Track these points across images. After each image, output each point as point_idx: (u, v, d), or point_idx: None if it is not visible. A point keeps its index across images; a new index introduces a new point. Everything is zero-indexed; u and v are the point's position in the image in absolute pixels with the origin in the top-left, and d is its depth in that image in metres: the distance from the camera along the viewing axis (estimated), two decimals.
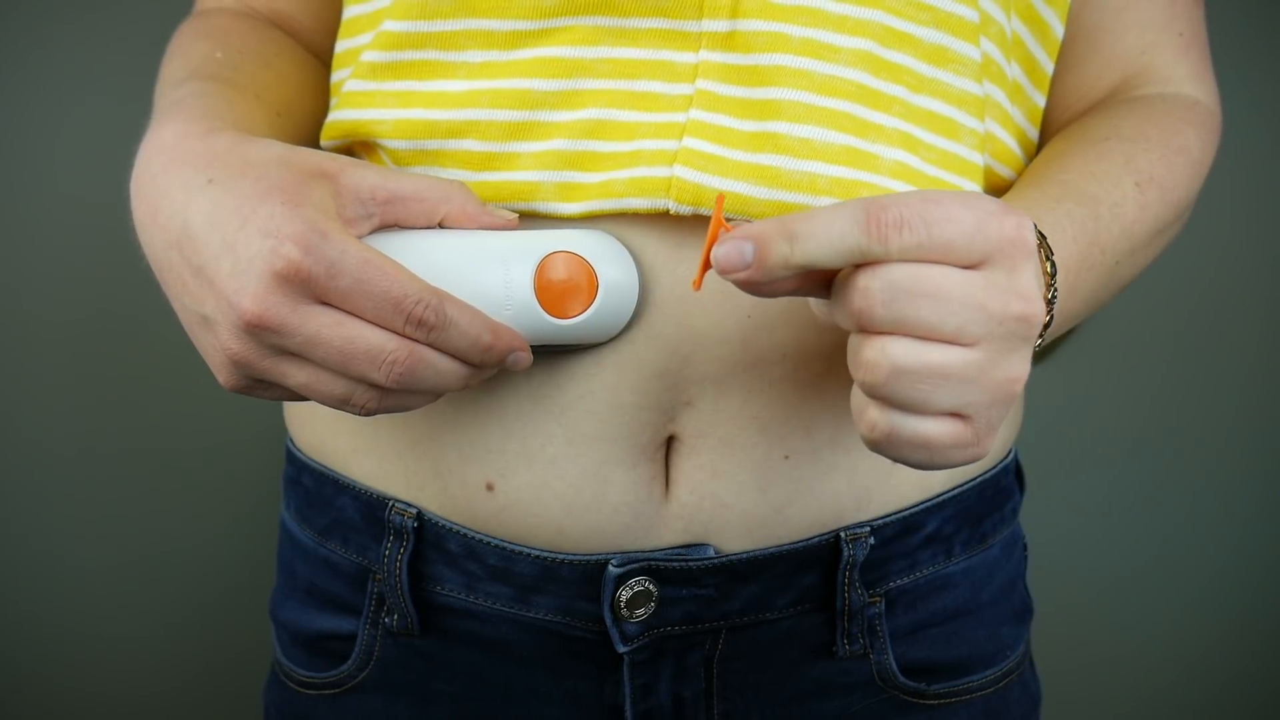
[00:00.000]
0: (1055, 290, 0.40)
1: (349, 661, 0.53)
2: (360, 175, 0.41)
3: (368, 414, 0.41)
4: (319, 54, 0.57)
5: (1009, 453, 0.56)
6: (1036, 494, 0.67)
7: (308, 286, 0.38)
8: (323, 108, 0.54)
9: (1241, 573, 1.06)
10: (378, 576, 0.51)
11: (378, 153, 0.48)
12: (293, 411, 0.56)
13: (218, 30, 0.52)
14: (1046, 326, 0.40)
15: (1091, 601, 1.06)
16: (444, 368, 0.40)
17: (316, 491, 0.53)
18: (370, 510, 0.50)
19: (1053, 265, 0.40)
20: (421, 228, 0.42)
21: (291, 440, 0.56)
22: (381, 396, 0.40)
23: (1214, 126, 0.54)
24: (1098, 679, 1.10)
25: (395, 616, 0.51)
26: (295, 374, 0.40)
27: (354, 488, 0.51)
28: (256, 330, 0.38)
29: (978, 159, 0.48)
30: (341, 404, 0.40)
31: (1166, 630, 1.07)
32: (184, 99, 0.45)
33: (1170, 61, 0.54)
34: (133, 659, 1.02)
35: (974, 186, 0.48)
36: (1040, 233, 0.41)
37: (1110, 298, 0.51)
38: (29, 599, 0.99)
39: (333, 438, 0.52)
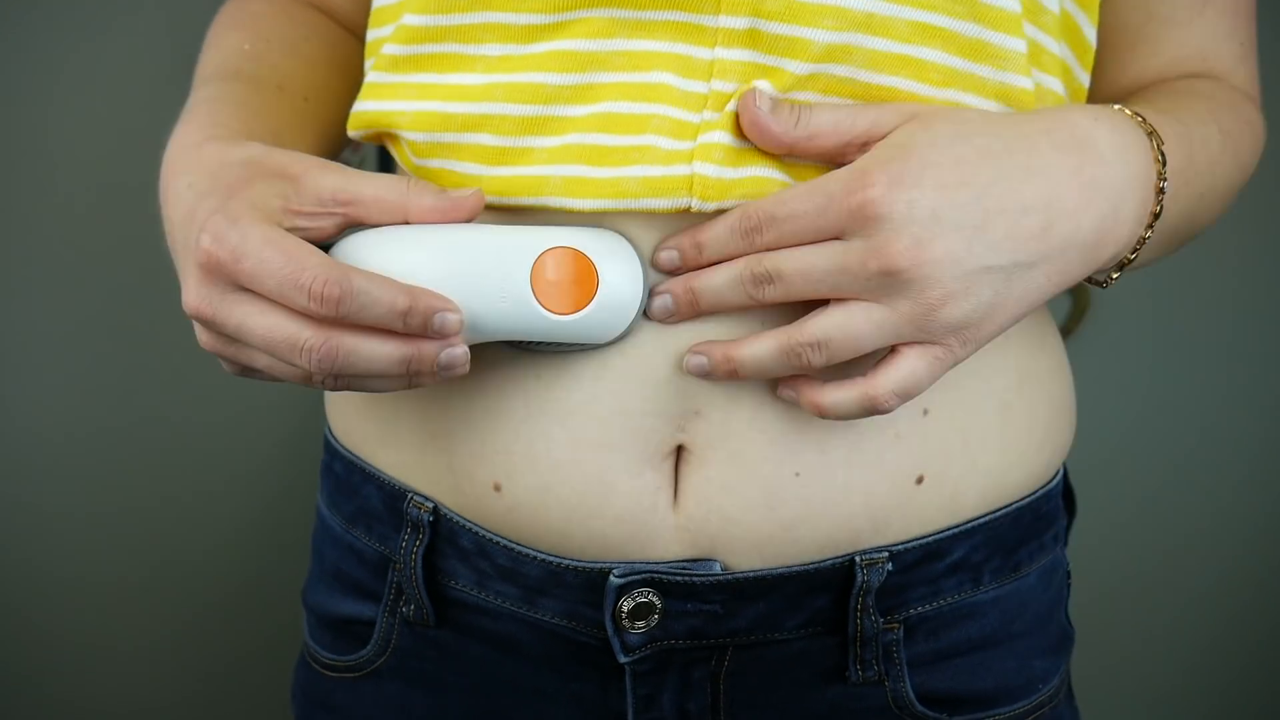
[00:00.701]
0: (1165, 180, 0.44)
1: (368, 646, 0.54)
2: (322, 177, 0.42)
3: (336, 390, 0.42)
4: (358, 33, 0.58)
5: (1054, 476, 0.53)
6: (1087, 514, 0.65)
7: (224, 273, 0.39)
8: (358, 87, 0.55)
9: (1241, 573, 1.02)
10: (397, 566, 0.51)
11: (400, 143, 0.48)
12: (329, 399, 0.57)
13: (250, 18, 0.54)
14: (1156, 217, 0.45)
15: (1138, 628, 1.05)
16: (370, 351, 0.40)
17: (345, 479, 0.54)
18: (392, 501, 0.51)
19: (1163, 155, 0.44)
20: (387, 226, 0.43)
21: (328, 428, 0.57)
22: (336, 377, 0.41)
23: (1262, 134, 0.54)
24: (1143, 710, 1.08)
25: (412, 607, 0.51)
26: (257, 357, 0.41)
27: (378, 478, 0.52)
28: (200, 321, 0.41)
29: None
30: (306, 382, 0.41)
31: (1216, 657, 1.04)
32: (197, 105, 0.47)
33: (1230, 68, 0.53)
34: (176, 643, 1.08)
35: None
36: (1150, 125, 0.45)
37: (1188, 238, 0.52)
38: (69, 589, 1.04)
39: (360, 426, 0.53)
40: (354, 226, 0.43)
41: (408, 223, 0.43)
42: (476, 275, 0.41)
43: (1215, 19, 0.53)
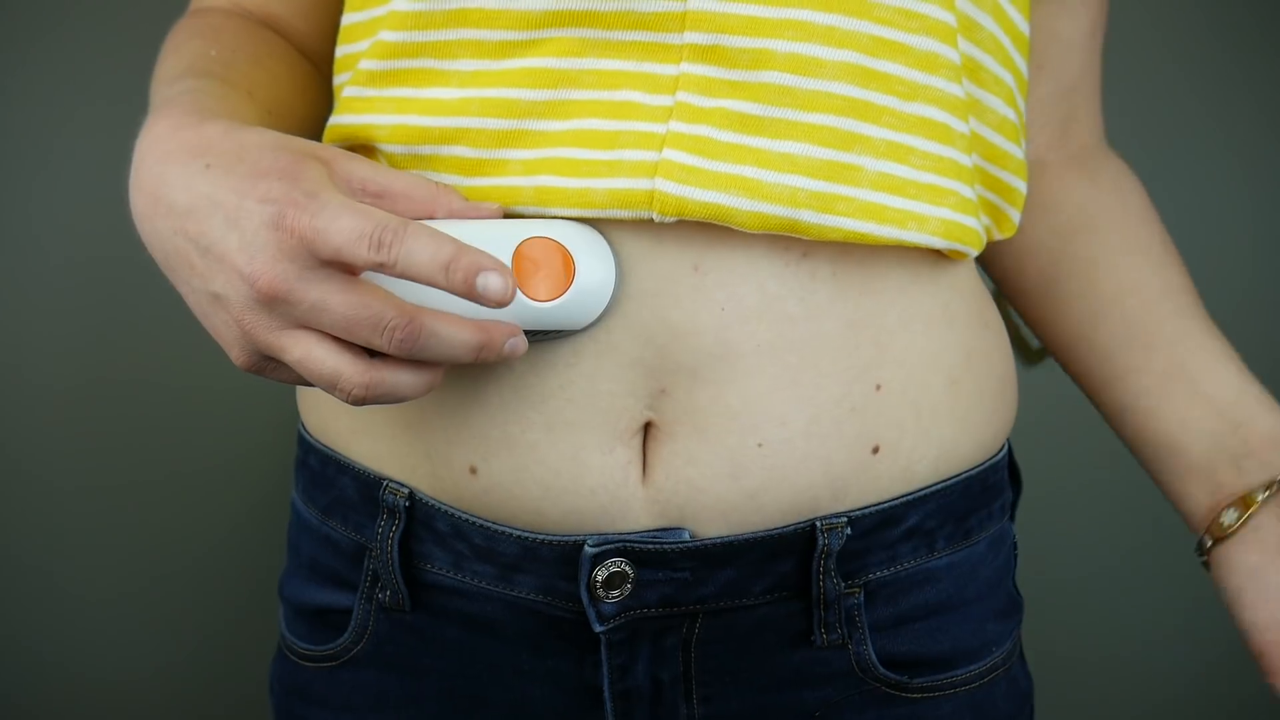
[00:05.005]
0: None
1: (345, 634, 0.55)
2: (353, 165, 0.43)
3: (356, 402, 0.41)
4: (310, 56, 0.60)
5: (1000, 450, 0.56)
6: (1033, 489, 0.67)
7: (312, 248, 0.39)
8: (313, 109, 0.57)
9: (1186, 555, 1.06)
10: (373, 553, 0.53)
11: (377, 156, 0.50)
12: (302, 395, 0.59)
13: (211, 29, 0.55)
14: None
15: (1086, 598, 1.07)
16: (447, 333, 0.41)
17: (320, 472, 0.55)
18: (367, 489, 0.52)
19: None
20: None
21: (302, 424, 0.59)
22: (369, 385, 0.41)
23: (1126, 169, 0.65)
24: (1094, 675, 1.10)
25: (388, 592, 0.53)
26: (292, 349, 0.41)
27: (353, 468, 0.53)
28: (269, 299, 0.40)
29: (967, 161, 0.48)
30: (331, 385, 0.41)
31: (1159, 625, 1.07)
32: (176, 96, 0.46)
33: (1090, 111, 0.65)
34: (154, 643, 1.07)
35: (966, 189, 0.49)
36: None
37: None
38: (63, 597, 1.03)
39: (335, 420, 0.54)
40: None
41: (433, 219, 0.44)
42: None
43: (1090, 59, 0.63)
